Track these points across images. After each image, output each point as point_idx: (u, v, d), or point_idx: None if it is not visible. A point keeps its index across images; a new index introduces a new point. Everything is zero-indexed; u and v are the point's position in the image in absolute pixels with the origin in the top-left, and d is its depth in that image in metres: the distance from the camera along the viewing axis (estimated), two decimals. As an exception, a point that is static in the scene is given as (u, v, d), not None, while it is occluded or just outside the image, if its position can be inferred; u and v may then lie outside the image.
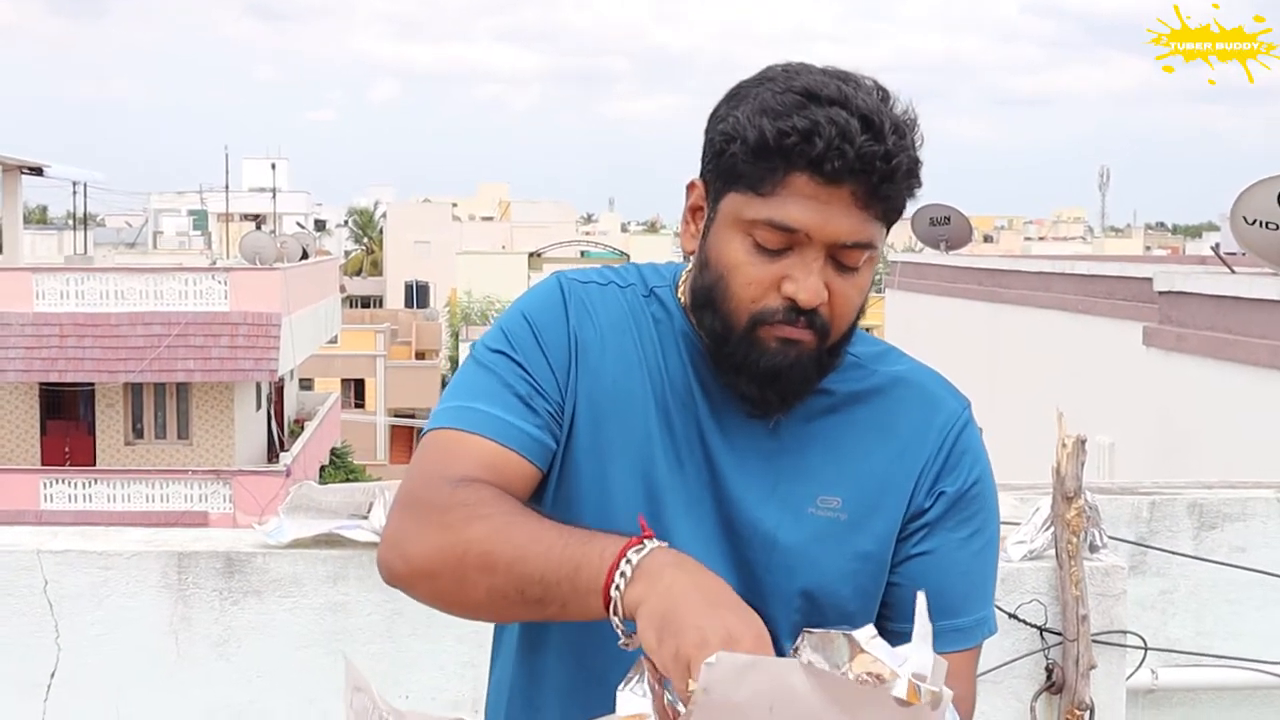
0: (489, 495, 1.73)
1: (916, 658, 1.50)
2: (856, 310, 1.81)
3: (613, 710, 1.55)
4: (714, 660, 1.40)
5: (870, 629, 1.55)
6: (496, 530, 1.68)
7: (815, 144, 1.68)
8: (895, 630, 1.83)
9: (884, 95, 1.75)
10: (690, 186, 1.86)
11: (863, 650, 1.54)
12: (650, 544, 1.60)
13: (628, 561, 1.58)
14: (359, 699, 1.59)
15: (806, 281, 1.73)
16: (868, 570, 1.86)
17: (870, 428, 1.88)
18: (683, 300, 1.88)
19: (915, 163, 1.75)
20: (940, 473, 1.89)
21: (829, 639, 1.54)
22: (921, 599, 1.55)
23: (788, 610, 1.84)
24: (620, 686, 1.55)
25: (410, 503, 1.79)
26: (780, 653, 1.72)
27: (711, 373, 1.85)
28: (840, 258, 1.75)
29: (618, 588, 1.58)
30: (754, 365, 1.78)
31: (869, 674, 1.51)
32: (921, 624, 1.53)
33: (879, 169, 1.70)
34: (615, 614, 1.58)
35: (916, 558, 1.88)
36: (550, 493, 1.86)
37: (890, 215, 1.77)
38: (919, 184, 1.78)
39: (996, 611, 3.54)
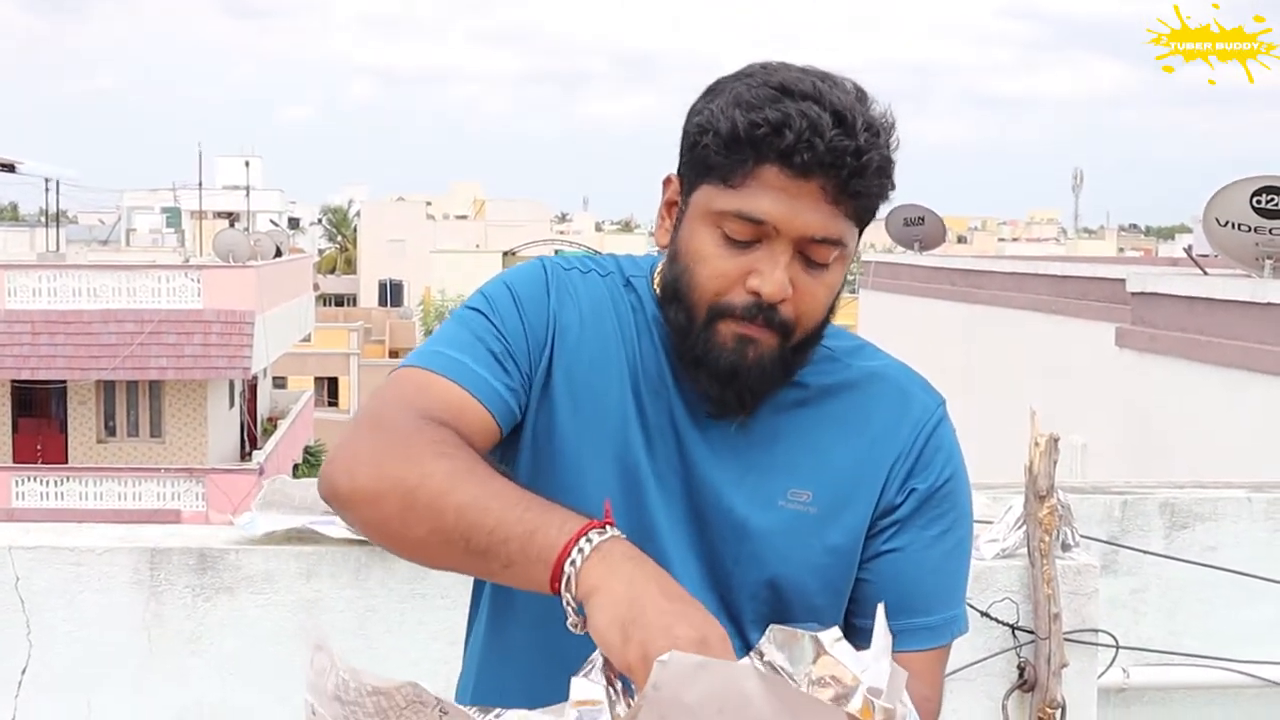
0: (453, 438, 1.69)
1: (874, 670, 1.50)
2: (824, 309, 1.80)
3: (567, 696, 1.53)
4: (666, 659, 1.38)
5: (835, 631, 1.54)
6: (457, 472, 1.64)
7: (785, 135, 1.68)
8: (861, 626, 1.85)
9: (861, 95, 1.75)
10: (666, 182, 1.86)
11: (826, 652, 1.53)
12: (612, 530, 1.58)
13: (588, 540, 1.55)
14: (319, 657, 1.56)
15: (772, 275, 1.72)
16: (836, 565, 1.85)
17: (842, 422, 1.88)
18: (657, 290, 1.88)
19: (887, 161, 1.74)
20: (912, 469, 1.88)
21: (794, 638, 1.53)
22: (881, 610, 1.54)
23: (754, 602, 1.84)
24: (576, 674, 1.53)
25: (373, 423, 1.74)
26: (747, 645, 1.73)
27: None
28: (809, 254, 1.74)
29: (573, 563, 1.54)
30: (713, 362, 1.77)
31: (830, 677, 1.50)
32: (881, 635, 1.52)
33: (849, 164, 1.69)
34: (568, 590, 1.55)
35: (886, 554, 1.87)
36: (525, 470, 1.85)
37: (862, 215, 1.76)
38: (892, 185, 1.77)
39: (968, 609, 3.56)
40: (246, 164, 61.55)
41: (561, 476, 1.84)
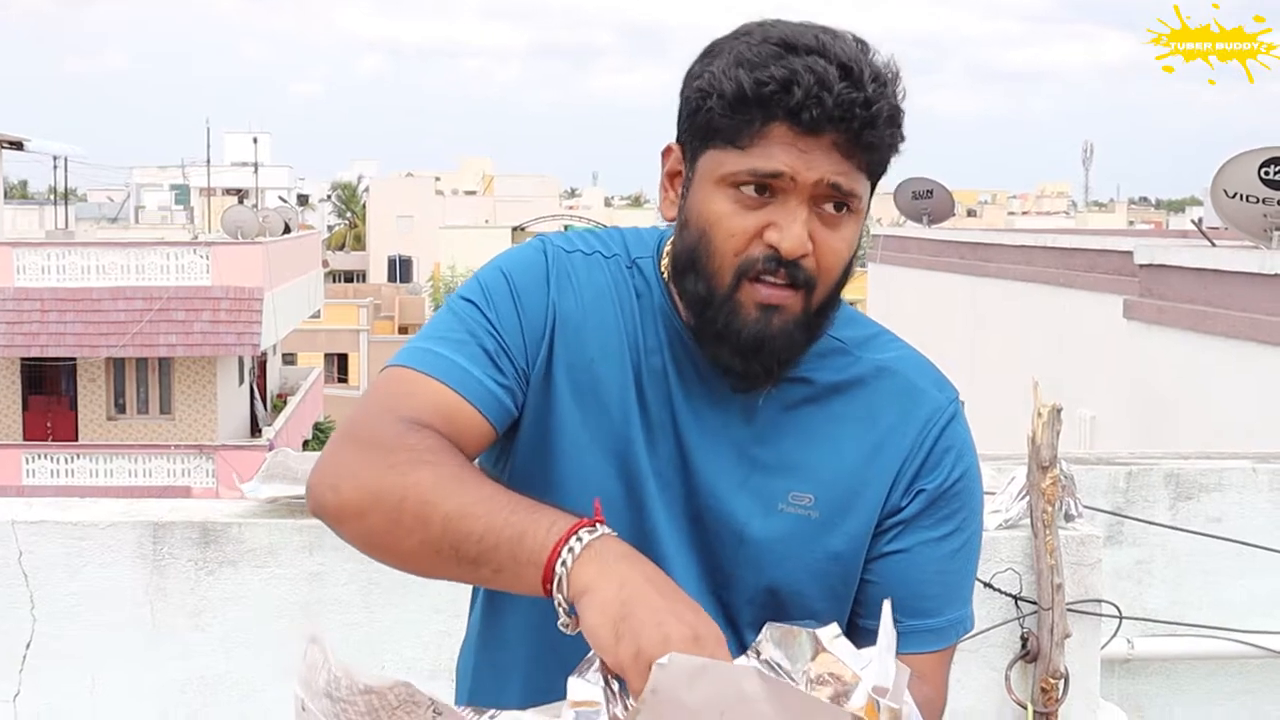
0: (438, 444, 1.66)
1: (877, 669, 1.47)
2: (844, 264, 1.74)
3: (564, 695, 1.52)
4: (666, 661, 1.36)
5: (834, 628, 1.52)
6: (442, 481, 1.61)
7: (794, 92, 1.64)
8: (865, 628, 1.80)
9: (863, 46, 1.71)
10: (666, 152, 1.81)
11: (825, 650, 1.52)
12: (602, 529, 1.55)
13: (578, 539, 1.53)
14: (313, 651, 1.55)
15: (791, 229, 1.67)
16: (837, 570, 1.81)
17: (848, 422, 1.82)
18: (664, 272, 1.82)
19: (897, 110, 1.70)
20: (920, 470, 1.82)
21: (791, 635, 1.52)
22: (887, 607, 1.50)
23: (752, 606, 1.80)
24: (573, 674, 1.52)
25: (354, 434, 1.71)
26: (743, 647, 1.70)
27: (688, 352, 1.79)
28: (825, 207, 1.70)
29: (564, 563, 1.52)
30: (735, 335, 1.71)
31: (829, 674, 1.49)
32: (886, 632, 1.49)
33: (859, 115, 1.65)
34: (559, 591, 1.52)
35: (891, 555, 1.83)
36: (523, 466, 1.82)
37: (875, 167, 1.72)
38: (902, 136, 1.73)
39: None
40: (255, 141, 61.57)
41: (563, 473, 1.80)
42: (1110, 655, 3.97)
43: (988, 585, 3.63)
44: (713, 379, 1.79)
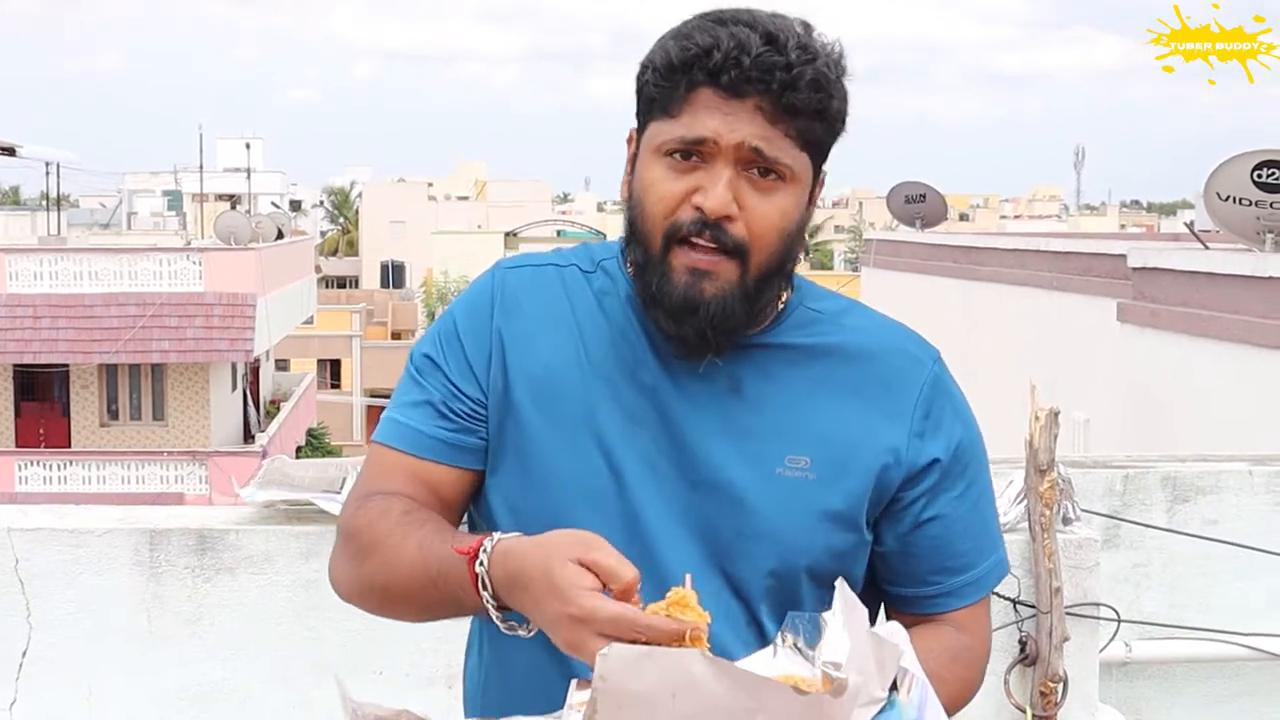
0: (377, 517, 1.83)
1: (831, 646, 1.52)
2: (777, 231, 1.79)
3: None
4: (606, 651, 1.42)
5: (833, 612, 1.56)
6: (384, 562, 1.79)
7: (714, 55, 1.72)
8: (896, 594, 1.92)
9: (806, 26, 1.77)
10: (629, 140, 1.89)
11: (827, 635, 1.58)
12: (488, 548, 1.66)
13: (480, 564, 1.65)
14: (340, 691, 1.66)
15: (714, 190, 1.74)
16: (840, 530, 1.84)
17: (836, 383, 1.87)
18: (630, 266, 1.88)
19: (823, 78, 1.75)
20: (924, 434, 1.87)
21: (807, 621, 1.58)
22: (841, 584, 1.56)
23: (758, 572, 1.83)
24: (574, 685, 1.58)
25: (340, 528, 1.91)
26: (756, 620, 1.75)
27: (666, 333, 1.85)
28: (752, 171, 1.76)
29: (481, 563, 1.64)
30: (667, 297, 1.78)
31: (833, 662, 1.52)
32: (839, 609, 1.54)
33: (779, 78, 1.72)
34: (502, 612, 1.66)
35: (924, 525, 1.88)
36: (516, 480, 1.87)
37: (807, 137, 1.77)
38: (836, 105, 1.78)
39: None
40: (248, 146, 61.58)
41: (542, 477, 1.86)
42: (1108, 658, 3.96)
43: (986, 589, 3.63)
44: (668, 340, 1.84)
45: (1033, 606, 3.63)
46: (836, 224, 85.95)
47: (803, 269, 1.91)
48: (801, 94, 1.73)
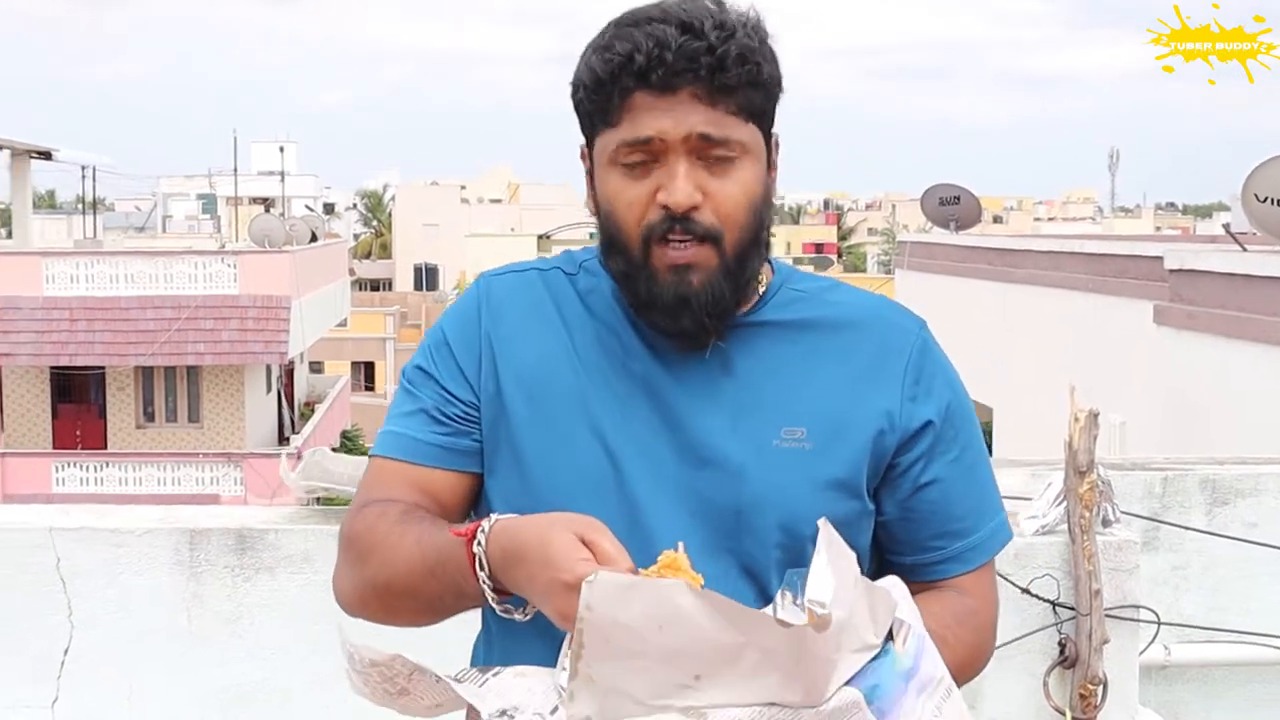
0: (374, 520, 1.85)
1: (816, 585, 1.54)
2: (745, 208, 1.82)
3: None
4: (593, 578, 1.44)
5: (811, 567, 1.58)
6: (383, 562, 1.81)
7: (636, 60, 1.75)
8: (898, 563, 1.92)
9: (718, 3, 1.80)
10: (582, 156, 1.92)
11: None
12: (484, 529, 1.68)
13: (478, 544, 1.67)
14: (341, 634, 1.68)
15: (673, 184, 1.77)
16: (840, 498, 1.86)
17: (825, 354, 1.90)
18: (615, 276, 1.91)
19: (748, 49, 1.77)
20: (916, 396, 1.90)
21: (800, 579, 1.59)
22: (823, 524, 1.58)
23: (765, 546, 1.84)
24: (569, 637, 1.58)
25: (339, 537, 1.93)
26: (766, 597, 1.78)
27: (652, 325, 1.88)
28: (709, 157, 1.78)
29: (479, 543, 1.67)
30: (658, 299, 1.81)
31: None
32: (824, 550, 1.56)
33: (705, 63, 1.75)
34: (499, 595, 1.68)
35: (921, 490, 1.90)
36: (515, 480, 1.89)
37: (748, 108, 1.80)
38: (767, 70, 1.81)
39: (1009, 585, 3.55)
40: (281, 150, 61.74)
41: (540, 472, 1.88)
42: (1148, 661, 3.95)
43: (1025, 591, 3.62)
44: (666, 336, 1.88)
45: (1072, 609, 3.62)
46: (870, 226, 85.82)
47: (835, 271, 1.91)
48: (731, 72, 1.76)
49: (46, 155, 34.29)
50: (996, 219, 74.42)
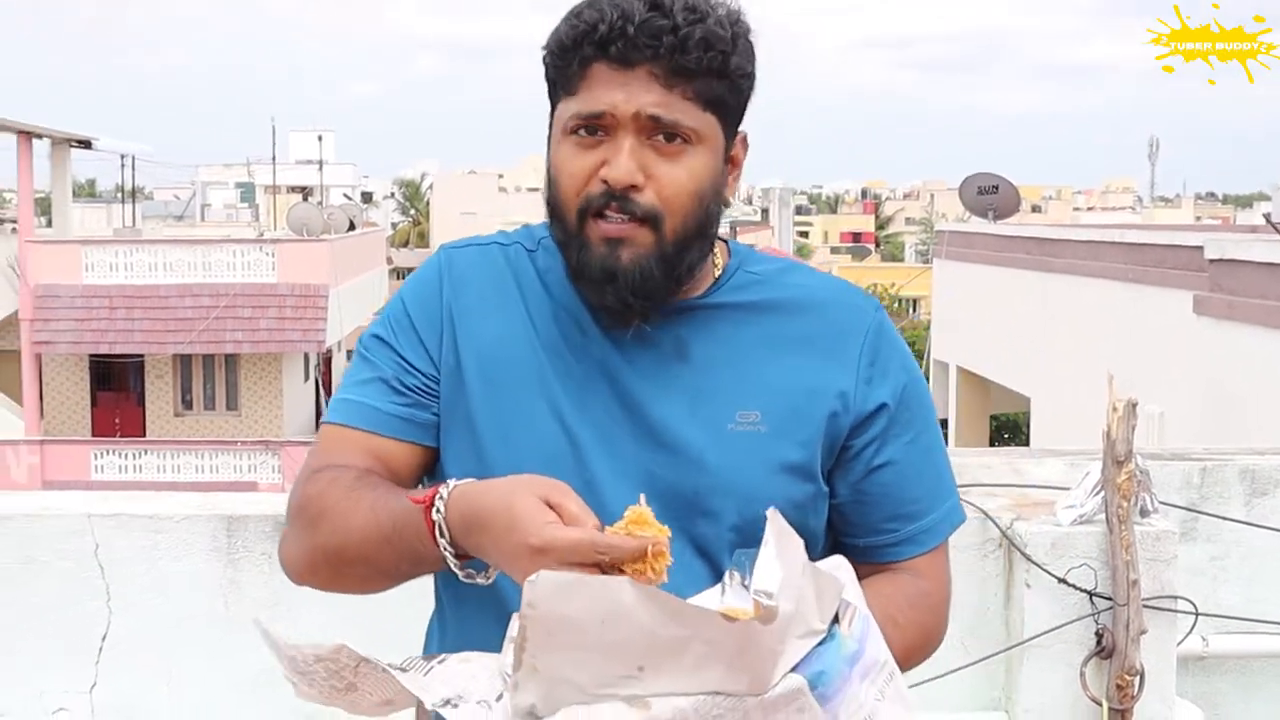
0: (326, 485, 1.81)
1: (764, 576, 1.53)
2: (689, 195, 1.80)
3: None
4: (535, 578, 1.43)
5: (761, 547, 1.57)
6: (335, 528, 1.77)
7: (599, 29, 1.74)
8: (851, 545, 1.91)
9: None
10: (549, 123, 1.91)
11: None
12: (442, 494, 1.65)
13: (437, 511, 1.64)
14: (269, 642, 1.68)
15: (617, 161, 1.76)
16: (796, 481, 1.86)
17: (781, 337, 1.89)
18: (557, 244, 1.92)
19: (713, 35, 1.75)
20: (871, 378, 1.89)
21: (751, 558, 1.58)
22: (772, 514, 1.56)
23: (720, 528, 1.84)
24: (514, 619, 1.56)
25: (288, 505, 1.90)
26: (720, 572, 1.76)
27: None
28: (656, 139, 1.77)
29: (438, 510, 1.64)
30: (587, 268, 1.81)
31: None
32: (772, 539, 1.55)
33: (667, 42, 1.73)
34: (459, 559, 1.65)
35: (875, 471, 1.90)
36: (471, 452, 1.88)
37: (707, 96, 1.79)
38: (736, 61, 1.79)
39: (1044, 574, 3.54)
40: (319, 138, 61.85)
41: (497, 448, 1.87)
42: (1185, 652, 3.93)
43: (1062, 581, 3.61)
44: (597, 311, 1.87)
45: (1109, 599, 3.60)
46: (908, 216, 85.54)
47: (873, 261, 1.91)
48: (691, 55, 1.74)
49: (86, 144, 34.43)
50: (1035, 208, 74.11)
